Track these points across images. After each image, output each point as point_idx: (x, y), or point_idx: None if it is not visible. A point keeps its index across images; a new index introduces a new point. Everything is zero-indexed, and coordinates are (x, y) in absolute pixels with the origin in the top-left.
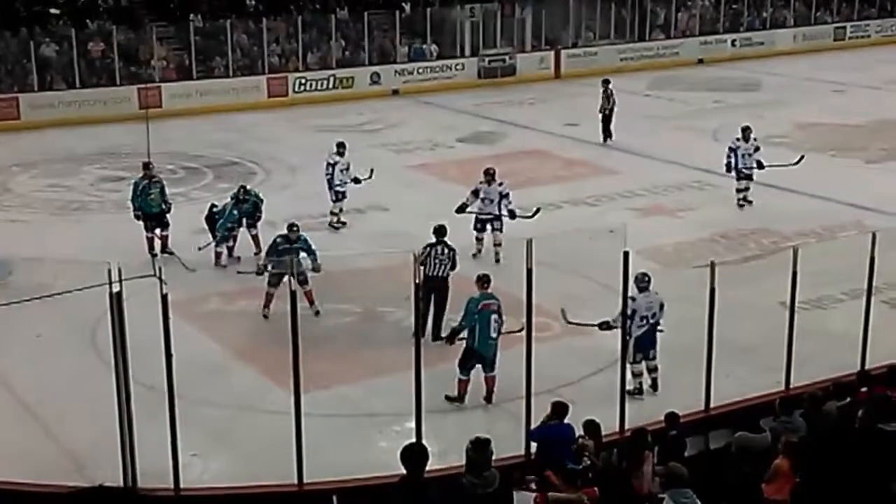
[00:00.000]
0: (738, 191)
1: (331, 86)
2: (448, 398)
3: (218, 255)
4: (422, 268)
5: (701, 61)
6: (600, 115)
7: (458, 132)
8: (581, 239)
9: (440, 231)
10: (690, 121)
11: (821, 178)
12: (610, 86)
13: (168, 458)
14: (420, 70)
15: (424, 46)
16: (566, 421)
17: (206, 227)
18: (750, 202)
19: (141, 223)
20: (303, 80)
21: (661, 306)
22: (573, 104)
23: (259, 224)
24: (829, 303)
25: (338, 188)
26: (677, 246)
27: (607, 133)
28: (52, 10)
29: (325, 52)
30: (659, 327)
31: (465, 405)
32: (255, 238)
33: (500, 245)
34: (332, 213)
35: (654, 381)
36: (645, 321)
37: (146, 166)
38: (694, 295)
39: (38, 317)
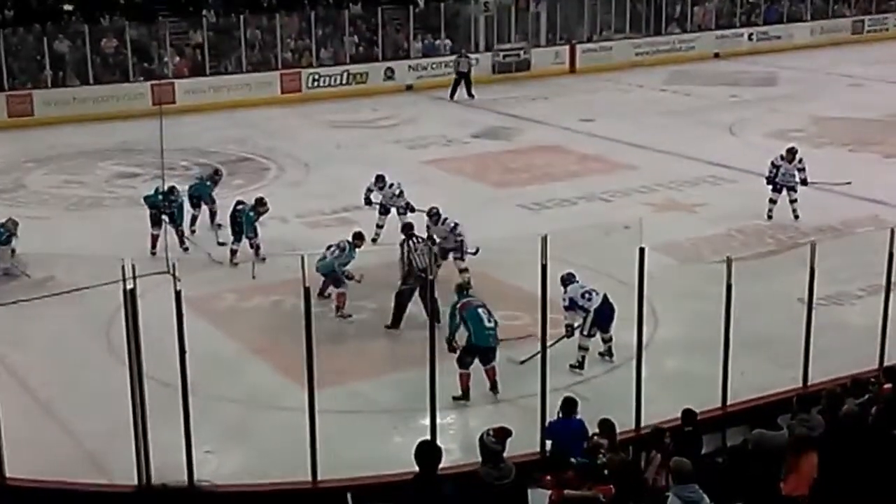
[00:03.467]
0: (771, 201)
1: (344, 81)
2: (455, 398)
3: (233, 252)
4: (408, 264)
5: (717, 55)
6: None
7: (472, 127)
8: (596, 235)
9: (409, 227)
10: (706, 115)
11: (838, 173)
12: (466, 52)
13: (182, 454)
14: (434, 65)
15: (438, 41)
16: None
17: (228, 223)
18: (797, 216)
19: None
20: (316, 76)
21: (593, 290)
22: (588, 99)
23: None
24: (846, 299)
25: (381, 203)
26: (693, 241)
27: (457, 93)
28: (66, 7)
29: (339, 47)
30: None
31: (471, 402)
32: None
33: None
34: (377, 227)
35: (609, 349)
36: (590, 296)
37: (216, 172)
38: (710, 290)
39: (53, 313)
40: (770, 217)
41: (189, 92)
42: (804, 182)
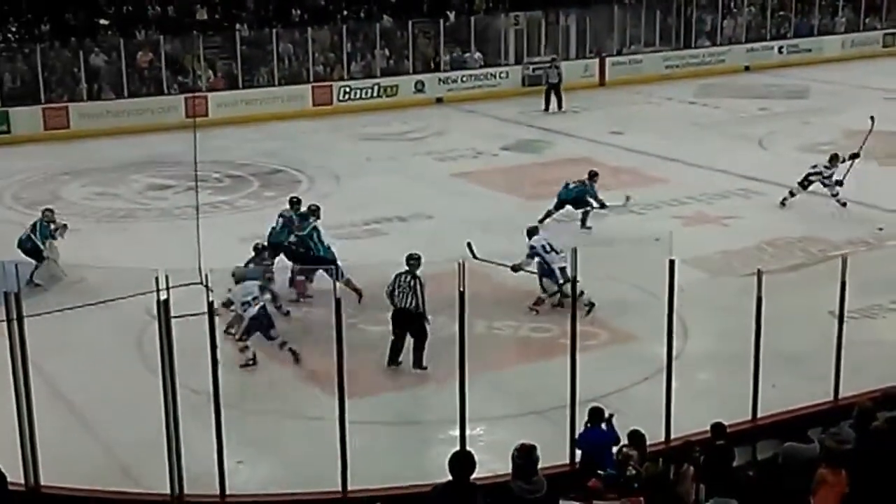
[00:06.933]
0: (791, 193)
1: (375, 94)
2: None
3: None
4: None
5: (748, 68)
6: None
7: (502, 140)
8: (627, 247)
9: (410, 259)
10: (737, 128)
11: (870, 186)
12: (557, 62)
13: (214, 464)
14: (464, 78)
15: (468, 55)
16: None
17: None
18: (844, 204)
19: None
20: (347, 89)
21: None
22: (618, 112)
23: None
24: (878, 312)
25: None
26: (724, 254)
27: (550, 103)
28: (102, 21)
29: (370, 60)
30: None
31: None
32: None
33: None
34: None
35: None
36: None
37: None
38: (741, 304)
39: (87, 323)
40: (783, 205)
41: (222, 105)
42: (839, 183)
